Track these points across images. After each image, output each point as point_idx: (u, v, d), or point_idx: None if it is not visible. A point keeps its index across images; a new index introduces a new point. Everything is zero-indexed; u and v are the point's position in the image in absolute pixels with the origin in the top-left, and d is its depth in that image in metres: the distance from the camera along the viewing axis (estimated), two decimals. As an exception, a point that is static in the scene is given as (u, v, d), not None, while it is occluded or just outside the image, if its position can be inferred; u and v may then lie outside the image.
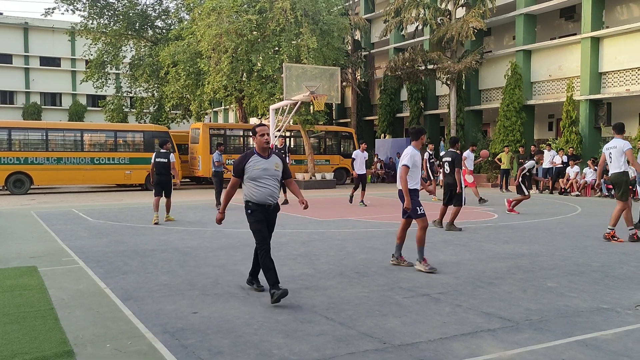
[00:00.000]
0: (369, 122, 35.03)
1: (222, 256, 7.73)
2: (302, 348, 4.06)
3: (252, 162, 5.37)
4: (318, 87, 19.99)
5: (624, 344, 4.15)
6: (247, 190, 5.44)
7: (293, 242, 8.96)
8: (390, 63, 27.87)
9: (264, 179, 5.35)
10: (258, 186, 5.36)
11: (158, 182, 11.73)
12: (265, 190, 5.37)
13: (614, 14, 23.85)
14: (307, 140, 24.76)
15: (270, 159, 5.43)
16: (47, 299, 5.43)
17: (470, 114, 27.73)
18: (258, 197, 5.37)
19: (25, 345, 4.10)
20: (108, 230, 10.49)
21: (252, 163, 5.37)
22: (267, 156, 5.42)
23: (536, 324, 4.63)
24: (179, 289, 5.86)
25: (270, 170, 5.40)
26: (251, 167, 5.35)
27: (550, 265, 7.10)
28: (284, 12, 21.86)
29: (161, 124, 31.63)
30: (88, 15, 29.66)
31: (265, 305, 5.21)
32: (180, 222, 11.57)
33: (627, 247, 8.41)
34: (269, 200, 5.42)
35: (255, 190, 5.37)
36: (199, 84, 25.57)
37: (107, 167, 22.03)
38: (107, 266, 7.05)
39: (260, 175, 5.34)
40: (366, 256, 7.68)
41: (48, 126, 22.66)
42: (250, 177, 5.36)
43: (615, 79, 22.26)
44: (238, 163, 5.43)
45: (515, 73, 24.45)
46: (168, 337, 4.31)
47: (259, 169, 5.34)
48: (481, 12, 24.27)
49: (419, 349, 4.04)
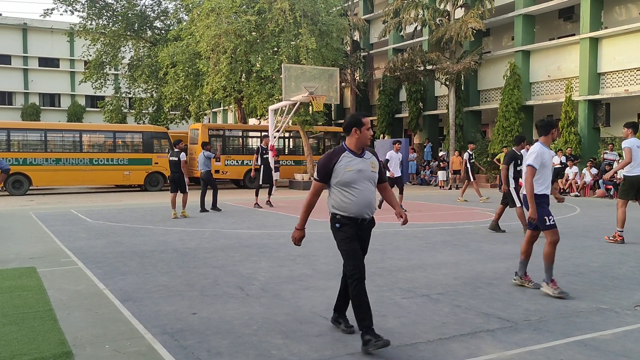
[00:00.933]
0: (368, 123, 34.97)
1: (221, 257, 7.73)
2: (302, 349, 4.06)
3: (344, 161, 4.13)
4: (317, 87, 20.00)
5: (622, 344, 4.15)
6: (335, 199, 4.19)
7: (292, 242, 8.94)
8: (389, 64, 27.87)
9: (359, 184, 4.10)
10: (352, 194, 4.10)
11: (172, 179, 12.69)
12: (361, 199, 4.11)
13: (613, 14, 23.87)
14: (306, 141, 24.76)
15: (365, 157, 4.20)
16: (46, 300, 5.42)
17: (469, 115, 27.74)
18: (351, 208, 4.11)
19: (24, 346, 4.10)
20: (107, 231, 10.48)
21: (344, 163, 4.12)
22: (361, 154, 4.20)
23: (535, 324, 4.64)
24: (178, 289, 5.86)
25: (366, 171, 4.15)
26: (342, 168, 4.11)
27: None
28: (283, 13, 21.86)
29: (160, 124, 31.60)
30: (87, 16, 29.64)
31: (264, 306, 5.21)
32: (179, 223, 11.57)
33: (626, 247, 8.42)
34: (366, 212, 4.18)
35: (348, 200, 4.11)
36: (198, 85, 25.57)
37: (106, 168, 22.02)
38: (106, 267, 7.05)
39: (354, 178, 4.08)
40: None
41: (47, 127, 22.68)
42: (342, 181, 4.10)
43: (614, 79, 22.28)
44: (325, 163, 4.17)
45: (514, 73, 24.47)
46: (167, 338, 4.31)
47: (353, 170, 4.10)
48: (480, 13, 24.28)
49: (418, 350, 4.04)
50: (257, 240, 9.20)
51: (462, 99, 27.19)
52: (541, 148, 5.72)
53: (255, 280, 6.25)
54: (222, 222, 11.82)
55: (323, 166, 4.18)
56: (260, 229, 10.72)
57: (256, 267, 7.02)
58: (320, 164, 4.21)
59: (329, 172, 4.15)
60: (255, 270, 6.83)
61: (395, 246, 8.59)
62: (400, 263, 7.25)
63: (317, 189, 4.25)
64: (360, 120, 4.16)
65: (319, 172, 4.22)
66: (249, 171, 24.31)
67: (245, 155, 24.77)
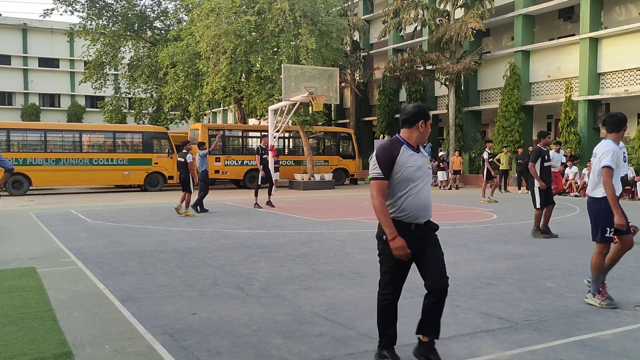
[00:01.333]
0: (368, 123, 35.04)
1: (220, 257, 7.73)
2: (302, 349, 4.06)
3: (405, 155, 3.58)
4: (317, 87, 20.01)
5: (622, 345, 4.15)
6: (389, 200, 3.62)
7: (292, 242, 8.96)
8: (389, 64, 27.88)
9: (418, 183, 3.60)
10: (408, 193, 3.57)
11: (180, 179, 13.29)
12: (418, 199, 3.59)
13: (613, 14, 23.88)
14: (306, 141, 24.76)
15: (422, 154, 3.71)
16: (45, 300, 5.42)
17: (469, 115, 27.74)
18: (408, 210, 3.58)
19: (24, 346, 4.10)
20: (107, 231, 10.48)
21: (405, 157, 3.57)
22: (417, 149, 3.70)
23: (535, 324, 4.63)
24: (178, 289, 5.86)
25: (425, 168, 3.68)
26: (403, 162, 3.56)
27: (549, 265, 7.11)
28: (283, 13, 21.87)
29: (160, 124, 31.62)
30: (87, 16, 29.67)
31: (264, 306, 5.21)
32: (179, 223, 11.57)
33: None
34: (422, 215, 3.63)
35: (404, 199, 3.57)
36: (198, 85, 25.58)
37: (106, 168, 22.02)
38: (106, 267, 7.05)
39: (414, 176, 3.58)
40: (365, 257, 7.67)
41: (47, 127, 22.68)
42: (401, 178, 3.57)
43: (613, 79, 22.29)
44: (386, 156, 3.56)
45: (514, 74, 24.48)
46: (167, 338, 4.31)
47: (414, 166, 3.58)
48: (480, 13, 24.30)
49: (418, 350, 4.03)
50: (257, 240, 9.20)
51: (462, 99, 27.20)
52: (614, 147, 5.14)
53: (255, 281, 6.25)
54: (222, 222, 11.81)
55: (385, 159, 3.55)
56: (260, 229, 10.72)
57: (256, 267, 7.02)
58: (380, 158, 3.56)
59: (392, 166, 3.56)
60: (255, 270, 6.83)
61: (395, 246, 8.57)
62: (400, 263, 7.24)
63: (383, 188, 3.57)
64: (428, 113, 3.67)
65: (382, 166, 3.56)
66: (248, 171, 24.42)
67: (245, 156, 24.78)
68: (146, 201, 17.64)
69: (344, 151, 27.57)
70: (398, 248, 3.50)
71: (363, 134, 33.96)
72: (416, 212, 3.59)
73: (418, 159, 3.62)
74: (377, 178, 3.56)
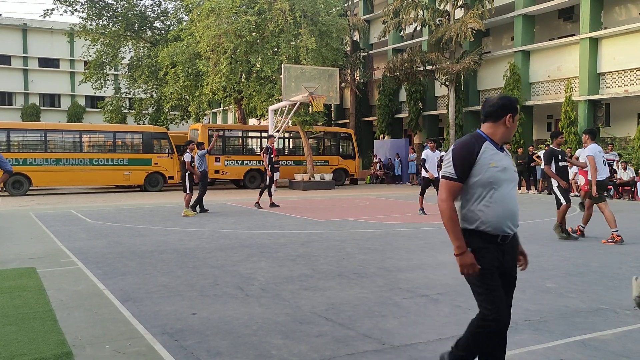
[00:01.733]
0: (367, 123, 35.06)
1: (220, 257, 7.73)
2: (302, 349, 4.06)
3: (488, 153, 3.04)
4: (317, 88, 20.03)
5: (622, 345, 4.15)
6: (468, 205, 3.09)
7: (292, 242, 8.96)
8: (389, 64, 27.89)
9: (504, 186, 3.05)
10: (493, 198, 3.02)
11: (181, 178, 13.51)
12: (504, 206, 3.04)
13: (613, 14, 23.89)
14: (306, 141, 24.77)
15: (506, 153, 3.17)
16: (45, 300, 5.42)
17: (469, 115, 27.75)
18: (491, 218, 3.02)
19: (24, 346, 4.10)
20: (107, 231, 10.48)
21: (488, 156, 3.04)
22: (502, 148, 3.16)
23: (535, 324, 4.63)
24: (178, 290, 5.86)
25: (511, 171, 3.11)
26: (485, 162, 3.02)
27: (549, 265, 7.11)
28: (283, 13, 21.88)
29: (160, 125, 31.63)
30: (87, 16, 29.67)
31: (264, 306, 5.21)
32: (178, 223, 11.57)
33: (626, 247, 8.42)
34: (508, 225, 3.07)
35: (487, 207, 3.02)
36: (198, 85, 25.58)
37: (106, 168, 22.02)
38: (106, 267, 7.05)
39: (499, 178, 3.02)
40: (365, 257, 7.68)
41: (47, 127, 22.68)
42: (483, 180, 3.01)
43: (613, 79, 22.29)
44: (464, 153, 3.03)
45: (514, 74, 24.49)
46: (167, 338, 4.31)
47: (499, 167, 3.03)
48: (480, 13, 24.30)
49: (418, 350, 4.04)
50: (256, 241, 9.20)
51: (462, 99, 27.20)
52: None
53: (255, 281, 6.25)
54: (222, 222, 11.81)
55: (463, 158, 3.02)
56: (260, 229, 10.72)
57: (256, 267, 7.02)
58: (457, 155, 3.03)
59: (471, 166, 3.01)
60: (255, 270, 6.83)
61: (395, 246, 8.59)
62: (400, 263, 7.25)
63: (454, 191, 3.06)
64: (516, 105, 3.14)
65: (457, 165, 3.02)
66: (248, 171, 24.42)
67: (245, 156, 24.79)
68: (146, 201, 17.64)
69: (344, 151, 27.57)
70: (467, 266, 3.00)
71: (363, 134, 33.96)
72: (502, 221, 3.04)
73: (503, 159, 3.07)
74: (449, 178, 3.04)
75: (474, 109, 27.68)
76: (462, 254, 3.01)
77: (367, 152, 32.60)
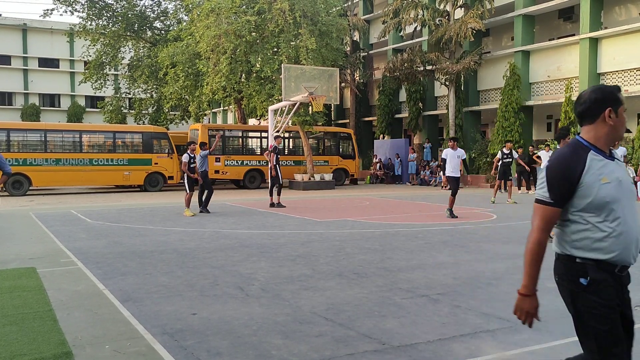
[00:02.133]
0: (367, 123, 35.06)
1: (220, 257, 7.73)
2: (301, 349, 4.06)
3: (595, 167, 2.42)
4: (317, 88, 20.01)
5: (622, 345, 4.14)
6: (579, 232, 2.46)
7: (292, 242, 8.96)
8: (388, 64, 27.89)
9: (623, 203, 2.42)
10: (612, 222, 2.40)
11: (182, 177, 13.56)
12: (627, 231, 2.41)
13: (613, 14, 23.89)
14: (306, 141, 24.77)
15: (617, 161, 2.53)
16: (45, 300, 5.42)
17: (469, 115, 27.75)
18: (613, 246, 2.40)
19: (24, 346, 4.10)
20: (107, 231, 10.48)
21: (596, 170, 2.41)
22: (610, 154, 2.51)
23: (535, 324, 4.62)
24: (178, 290, 5.86)
25: (627, 183, 2.49)
26: (595, 180, 2.40)
27: (549, 265, 7.05)
28: (283, 13, 21.88)
29: (160, 125, 31.62)
30: (87, 16, 29.67)
31: (264, 306, 5.21)
32: (178, 223, 11.57)
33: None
34: (633, 254, 2.45)
35: (606, 232, 2.40)
36: (198, 85, 25.58)
37: (106, 168, 22.02)
38: (106, 267, 7.05)
39: (613, 196, 2.40)
40: (365, 257, 7.68)
41: (47, 127, 22.68)
42: (596, 203, 2.39)
43: (613, 79, 22.29)
44: (564, 170, 2.42)
45: (513, 74, 24.48)
46: (167, 338, 4.31)
47: (612, 182, 2.41)
48: (480, 13, 24.29)
49: (418, 350, 4.04)
50: (256, 241, 9.20)
51: (461, 99, 27.20)
52: None
53: (255, 281, 6.25)
54: (222, 222, 11.82)
55: (561, 178, 2.41)
56: (260, 229, 10.73)
57: (256, 267, 7.02)
58: (553, 174, 2.43)
59: (573, 187, 2.40)
60: (255, 270, 6.83)
61: (395, 246, 8.59)
62: (400, 263, 7.25)
63: (551, 219, 2.46)
64: (617, 95, 2.54)
65: (552, 186, 2.43)
66: (249, 171, 24.42)
67: (245, 156, 24.79)
68: (146, 201, 17.64)
69: (344, 151, 27.57)
70: (526, 312, 2.57)
71: (363, 134, 33.96)
72: (628, 247, 2.41)
73: (615, 169, 2.44)
74: (543, 202, 2.45)
75: (474, 109, 27.68)
76: (529, 297, 2.59)
77: (367, 152, 32.60)
